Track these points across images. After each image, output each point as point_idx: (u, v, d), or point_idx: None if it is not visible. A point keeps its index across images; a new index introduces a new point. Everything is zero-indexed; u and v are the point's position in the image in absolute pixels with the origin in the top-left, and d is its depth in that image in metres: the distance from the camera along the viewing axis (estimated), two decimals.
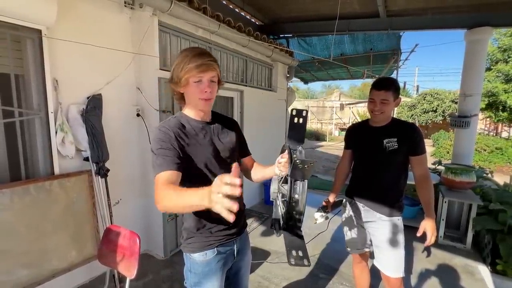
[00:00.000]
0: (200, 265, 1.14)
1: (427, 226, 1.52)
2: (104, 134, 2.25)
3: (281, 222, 0.99)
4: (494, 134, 15.53)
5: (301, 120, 1.01)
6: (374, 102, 1.59)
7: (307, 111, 1.03)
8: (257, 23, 5.03)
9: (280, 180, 1.09)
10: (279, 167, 1.05)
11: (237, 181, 0.61)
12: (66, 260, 2.07)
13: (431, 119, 15.21)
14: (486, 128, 16.67)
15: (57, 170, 2.07)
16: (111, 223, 2.31)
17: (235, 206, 0.61)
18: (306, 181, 0.89)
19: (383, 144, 1.61)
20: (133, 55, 2.53)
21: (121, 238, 1.59)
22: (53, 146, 2.03)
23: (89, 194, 2.22)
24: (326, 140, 16.53)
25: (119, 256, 1.56)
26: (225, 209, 0.62)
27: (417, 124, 15.98)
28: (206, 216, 1.10)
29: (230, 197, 0.62)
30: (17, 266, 1.82)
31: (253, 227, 3.57)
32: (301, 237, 0.91)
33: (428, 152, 1.74)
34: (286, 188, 0.96)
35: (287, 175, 0.94)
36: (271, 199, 1.14)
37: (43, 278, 1.93)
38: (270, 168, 1.17)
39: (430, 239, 1.51)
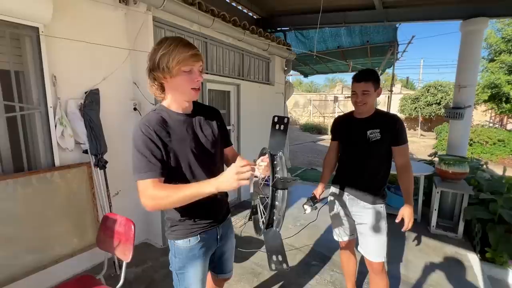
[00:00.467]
0: (184, 250, 1.18)
1: (405, 213, 1.59)
2: (102, 127, 2.34)
3: (261, 224, 1.05)
4: (499, 126, 15.35)
5: (282, 127, 1.06)
6: (356, 94, 1.64)
7: (288, 118, 1.07)
8: (254, 16, 5.04)
9: (261, 183, 1.14)
10: (259, 169, 1.06)
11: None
12: (68, 247, 2.18)
13: (434, 112, 15.05)
14: (491, 120, 16.46)
15: (57, 162, 2.17)
16: (111, 212, 2.41)
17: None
18: (286, 190, 0.95)
19: (366, 135, 1.66)
20: (129, 50, 2.60)
21: (117, 225, 1.69)
22: (53, 139, 2.13)
23: (89, 185, 2.33)
24: (327, 134, 16.52)
25: (115, 241, 1.66)
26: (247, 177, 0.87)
27: (420, 117, 15.94)
28: (188, 207, 1.04)
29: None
30: (23, 252, 1.94)
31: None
32: (280, 242, 0.97)
33: (429, 144, 1.79)
34: (265, 191, 1.02)
35: (267, 178, 1.00)
36: (248, 199, 1.19)
37: (47, 263, 2.05)
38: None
39: (408, 224, 1.58)
